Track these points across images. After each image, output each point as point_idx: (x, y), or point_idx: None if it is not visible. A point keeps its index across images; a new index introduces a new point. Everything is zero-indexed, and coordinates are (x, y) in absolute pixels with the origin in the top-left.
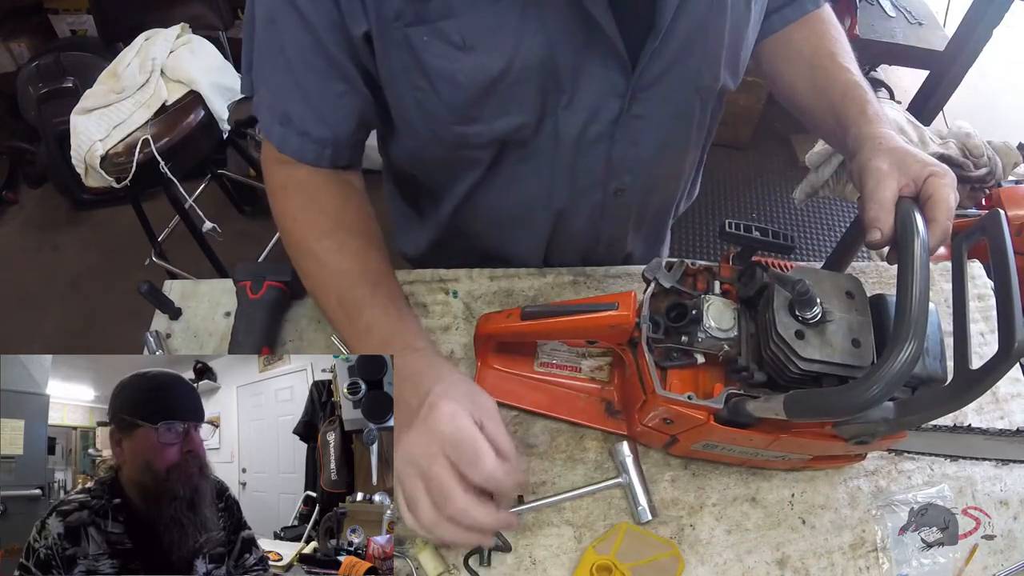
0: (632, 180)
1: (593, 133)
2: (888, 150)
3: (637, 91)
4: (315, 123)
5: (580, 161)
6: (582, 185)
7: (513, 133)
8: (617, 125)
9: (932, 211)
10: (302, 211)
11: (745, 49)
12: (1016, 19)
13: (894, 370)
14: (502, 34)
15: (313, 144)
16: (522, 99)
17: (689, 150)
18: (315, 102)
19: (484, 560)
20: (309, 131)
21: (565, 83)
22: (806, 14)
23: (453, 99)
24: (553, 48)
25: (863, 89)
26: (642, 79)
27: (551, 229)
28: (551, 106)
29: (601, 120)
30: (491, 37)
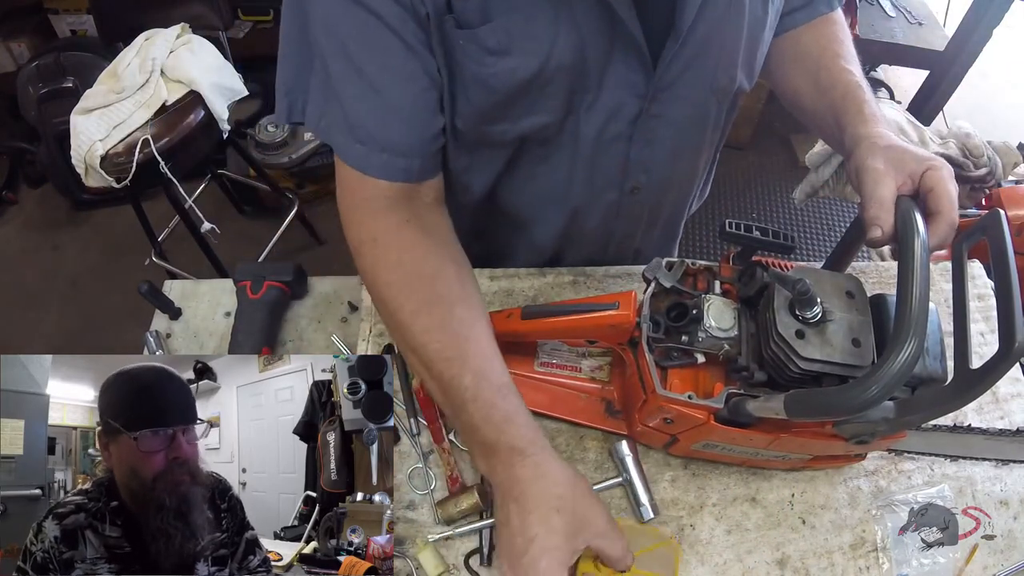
0: (647, 179)
1: (612, 132)
2: (884, 148)
3: (657, 91)
4: (401, 132)
5: (598, 160)
6: (599, 184)
7: (537, 132)
8: (636, 125)
9: (935, 203)
10: (393, 274)
11: (761, 51)
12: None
13: (894, 370)
14: (536, 36)
15: (400, 158)
16: (551, 99)
17: (703, 150)
18: (397, 106)
19: (484, 560)
20: (395, 143)
21: (592, 83)
22: (818, 16)
23: (484, 102)
24: (584, 48)
25: (863, 90)
26: (662, 80)
27: (564, 227)
28: (575, 105)
29: (621, 119)
30: (526, 40)
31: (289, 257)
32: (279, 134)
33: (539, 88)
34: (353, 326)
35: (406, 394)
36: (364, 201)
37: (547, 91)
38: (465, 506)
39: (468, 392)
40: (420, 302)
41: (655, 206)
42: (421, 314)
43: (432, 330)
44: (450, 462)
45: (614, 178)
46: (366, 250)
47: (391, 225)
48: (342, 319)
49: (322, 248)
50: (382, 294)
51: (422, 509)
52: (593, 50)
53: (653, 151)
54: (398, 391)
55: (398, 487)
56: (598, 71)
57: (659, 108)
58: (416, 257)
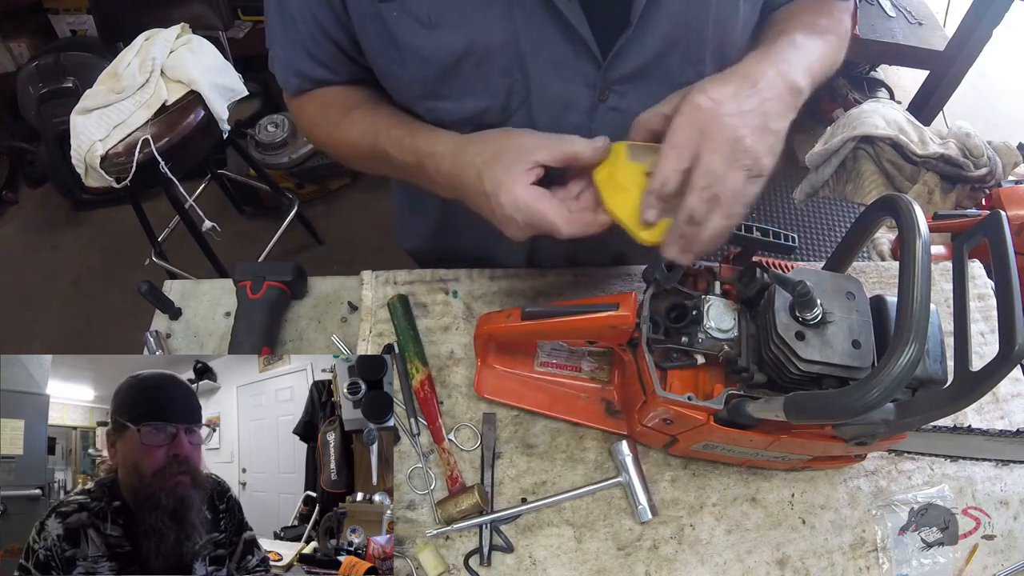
0: None
1: (569, 123)
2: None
3: (612, 83)
4: (319, 70)
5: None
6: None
7: (481, 115)
8: (593, 117)
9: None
10: (319, 112)
11: (733, 45)
12: (1016, 19)
13: (895, 373)
14: (465, 15)
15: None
16: (487, 81)
17: None
18: (318, 55)
19: (484, 560)
20: (317, 78)
21: (531, 68)
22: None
23: (422, 74)
24: (516, 33)
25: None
26: (615, 71)
27: None
28: (518, 91)
29: (575, 110)
30: (455, 17)
31: (289, 257)
32: (279, 134)
33: (474, 66)
34: (353, 326)
35: (406, 394)
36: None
37: (483, 71)
38: (465, 506)
39: (387, 142)
40: (340, 116)
41: None
42: (342, 123)
43: (351, 125)
44: (450, 462)
45: None
46: (298, 117)
47: (314, 94)
48: (342, 319)
49: (322, 248)
50: (316, 133)
51: (422, 509)
52: (529, 35)
53: None
54: (398, 391)
55: (398, 487)
56: (539, 57)
57: (619, 101)
58: (330, 99)
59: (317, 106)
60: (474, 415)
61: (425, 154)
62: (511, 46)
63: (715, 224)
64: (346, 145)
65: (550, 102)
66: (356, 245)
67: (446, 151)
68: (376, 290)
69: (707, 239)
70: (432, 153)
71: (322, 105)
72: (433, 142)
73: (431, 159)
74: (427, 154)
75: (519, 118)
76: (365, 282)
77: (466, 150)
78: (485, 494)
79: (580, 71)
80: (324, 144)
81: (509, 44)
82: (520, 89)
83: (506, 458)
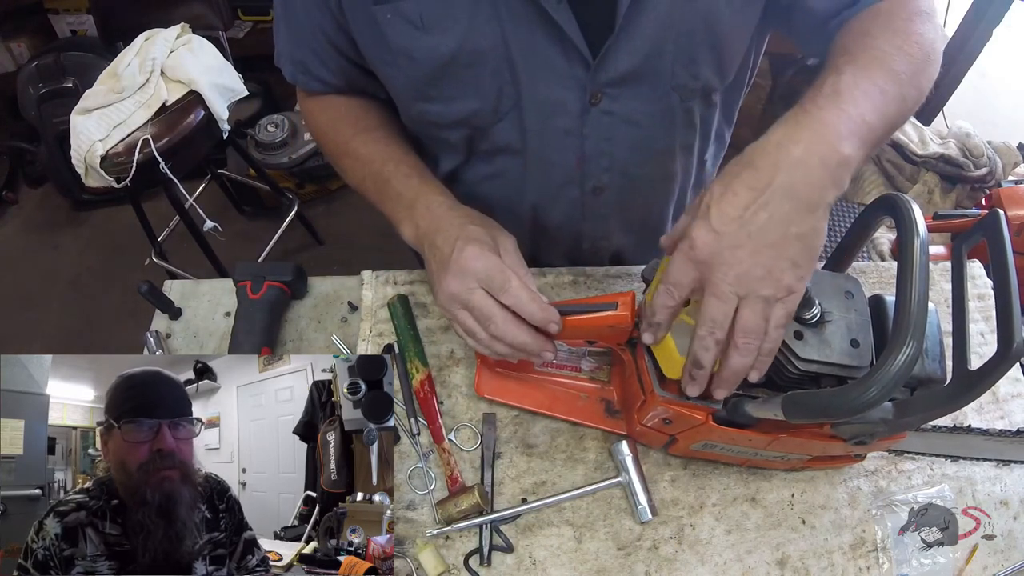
0: (610, 179)
1: (560, 126)
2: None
3: (603, 86)
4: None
5: (550, 154)
6: (556, 180)
7: (471, 117)
8: (585, 120)
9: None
10: (331, 125)
11: (732, 47)
12: (1016, 19)
13: (892, 372)
14: (455, 18)
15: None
16: (477, 83)
17: (676, 151)
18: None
19: (484, 560)
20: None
21: (521, 71)
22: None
23: (413, 75)
24: (505, 36)
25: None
26: (605, 74)
27: (529, 223)
28: (508, 94)
29: (566, 114)
30: (444, 18)
31: (289, 257)
32: (279, 134)
33: (462, 69)
34: (353, 326)
35: (406, 394)
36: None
37: (471, 73)
38: (465, 506)
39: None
40: (352, 134)
41: (624, 208)
42: (353, 140)
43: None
44: (450, 462)
45: (571, 175)
46: (309, 119)
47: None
48: (342, 319)
49: (322, 248)
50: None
51: (422, 509)
52: (518, 38)
53: (613, 149)
54: (398, 391)
55: (398, 487)
56: (527, 60)
57: (611, 105)
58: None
59: (328, 119)
60: (474, 415)
61: (424, 192)
62: (500, 48)
63: (734, 364)
64: (351, 160)
65: (540, 105)
66: (356, 245)
67: (447, 201)
68: (376, 290)
69: (727, 378)
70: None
71: (333, 119)
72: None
73: (427, 197)
74: (425, 193)
75: (509, 121)
76: (365, 282)
77: (465, 215)
78: (485, 494)
79: (570, 74)
80: (327, 152)
81: (498, 46)
82: (510, 92)
83: (506, 458)
